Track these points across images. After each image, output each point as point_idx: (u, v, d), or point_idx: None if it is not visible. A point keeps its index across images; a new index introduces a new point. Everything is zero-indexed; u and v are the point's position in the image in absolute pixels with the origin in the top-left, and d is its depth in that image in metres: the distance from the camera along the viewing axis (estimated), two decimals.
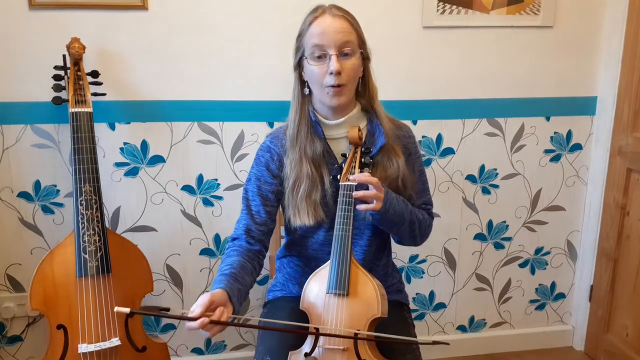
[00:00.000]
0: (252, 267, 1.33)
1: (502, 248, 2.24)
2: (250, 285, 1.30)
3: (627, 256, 2.08)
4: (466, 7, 1.94)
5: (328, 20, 1.28)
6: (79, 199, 1.60)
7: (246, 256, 1.32)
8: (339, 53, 1.27)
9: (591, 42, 2.07)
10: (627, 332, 2.09)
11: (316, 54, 1.28)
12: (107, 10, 1.76)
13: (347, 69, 1.28)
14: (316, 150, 1.35)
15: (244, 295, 1.25)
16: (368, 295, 1.24)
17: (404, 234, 1.39)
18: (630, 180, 2.05)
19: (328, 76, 1.27)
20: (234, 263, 1.28)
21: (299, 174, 1.34)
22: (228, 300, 1.16)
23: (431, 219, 1.48)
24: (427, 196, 1.49)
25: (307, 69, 1.31)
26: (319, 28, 1.27)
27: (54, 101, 1.69)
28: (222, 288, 1.16)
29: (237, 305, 1.18)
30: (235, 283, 1.21)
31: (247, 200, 1.40)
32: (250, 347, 2.15)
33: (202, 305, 1.07)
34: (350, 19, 1.30)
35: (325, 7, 1.31)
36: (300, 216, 1.34)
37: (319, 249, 1.43)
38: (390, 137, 1.36)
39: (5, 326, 1.94)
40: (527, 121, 2.11)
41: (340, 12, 1.30)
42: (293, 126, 1.36)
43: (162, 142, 1.90)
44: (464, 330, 2.32)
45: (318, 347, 1.23)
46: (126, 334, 1.66)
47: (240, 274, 1.25)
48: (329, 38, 1.26)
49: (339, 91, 1.29)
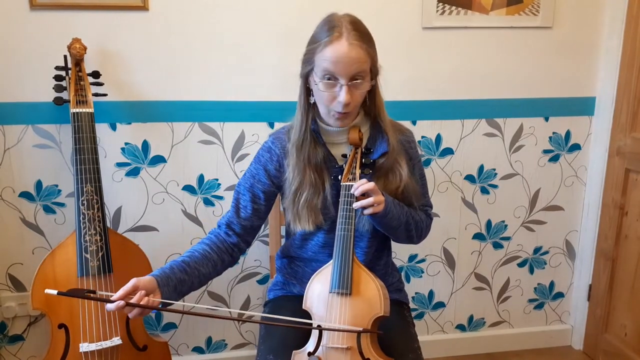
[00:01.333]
0: (219, 258, 1.35)
1: (501, 248, 2.25)
2: (207, 275, 1.32)
3: (625, 256, 2.09)
4: (465, 8, 1.95)
5: (344, 48, 1.21)
6: (81, 199, 1.61)
7: (216, 247, 1.36)
8: (350, 83, 1.23)
9: (590, 43, 2.08)
10: (625, 332, 2.10)
11: (327, 78, 1.24)
12: (108, 10, 1.77)
13: (356, 97, 1.26)
14: (318, 157, 1.35)
15: (190, 285, 1.27)
16: (371, 294, 1.25)
17: (400, 235, 1.39)
18: (628, 180, 2.06)
19: (336, 103, 1.25)
20: (195, 251, 1.33)
21: (302, 182, 1.34)
22: (156, 287, 1.18)
23: (429, 219, 1.48)
24: (426, 198, 1.50)
25: (315, 87, 1.28)
26: (334, 54, 1.21)
27: (56, 102, 1.69)
28: (153, 275, 1.20)
29: (170, 293, 1.21)
30: (179, 273, 1.25)
31: (238, 194, 1.42)
32: (251, 346, 2.16)
33: (123, 289, 1.13)
34: (367, 46, 1.23)
35: (342, 27, 1.22)
36: (300, 222, 1.36)
37: (319, 251, 1.44)
38: (395, 150, 1.35)
39: (6, 325, 1.95)
40: (526, 121, 2.12)
41: (357, 38, 1.22)
42: (299, 135, 1.34)
43: (163, 142, 1.91)
44: (463, 329, 2.32)
45: (321, 347, 1.24)
46: (127, 333, 1.67)
47: (194, 264, 1.29)
48: (342, 68, 1.21)
49: (345, 116, 1.29)
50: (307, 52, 1.29)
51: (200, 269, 1.30)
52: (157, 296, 1.17)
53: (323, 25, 1.26)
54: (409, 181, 1.37)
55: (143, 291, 1.14)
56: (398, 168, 1.35)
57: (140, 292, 1.13)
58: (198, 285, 1.31)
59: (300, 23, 1.33)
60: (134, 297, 1.12)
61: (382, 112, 1.37)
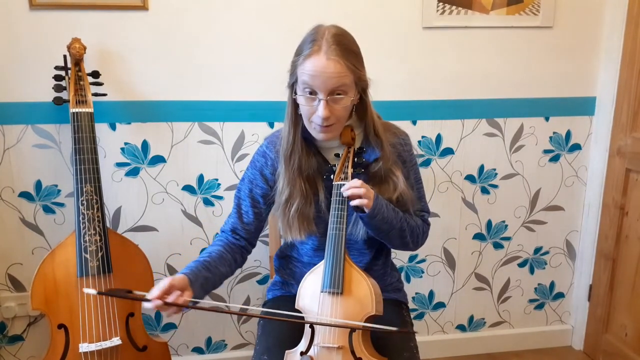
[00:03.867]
0: (233, 258, 1.39)
1: (501, 248, 2.25)
2: (225, 274, 1.36)
3: (626, 256, 2.09)
4: (466, 8, 1.95)
5: (322, 62, 1.18)
6: (80, 199, 1.61)
7: (228, 247, 1.39)
8: (329, 98, 1.21)
9: (590, 43, 2.08)
10: (625, 332, 2.10)
11: (307, 92, 1.22)
12: (107, 10, 1.77)
13: (337, 111, 1.24)
14: (311, 167, 1.34)
15: (213, 283, 1.31)
16: (362, 293, 1.25)
17: (394, 241, 1.37)
18: (629, 180, 2.05)
19: (316, 116, 1.24)
20: (212, 252, 1.35)
21: (292, 192, 1.34)
22: (188, 285, 1.20)
23: (426, 225, 1.46)
24: (423, 203, 1.47)
25: (298, 99, 1.26)
26: (312, 69, 1.19)
27: (55, 101, 1.69)
28: (184, 273, 1.22)
29: (198, 291, 1.23)
30: (203, 271, 1.27)
31: (239, 199, 1.45)
32: (251, 347, 2.16)
33: (160, 288, 1.13)
34: (347, 61, 1.20)
35: (322, 41, 1.20)
36: (292, 232, 1.36)
37: (314, 255, 1.44)
38: (388, 156, 1.34)
39: (6, 326, 1.95)
40: (527, 121, 2.12)
41: (336, 54, 1.18)
42: (287, 146, 1.33)
43: (163, 142, 1.91)
44: (463, 329, 2.32)
45: (314, 346, 1.24)
46: (127, 334, 1.67)
47: (214, 263, 1.32)
48: (321, 82, 1.19)
49: (326, 130, 1.27)
50: (291, 63, 1.27)
51: (220, 268, 1.33)
52: (189, 294, 1.18)
53: (307, 37, 1.24)
54: (404, 190, 1.35)
55: (179, 291, 1.15)
56: (392, 177, 1.34)
57: (175, 292, 1.14)
58: (219, 283, 1.34)
59: (300, 23, 1.32)
60: (170, 297, 1.13)
61: (374, 126, 1.34)
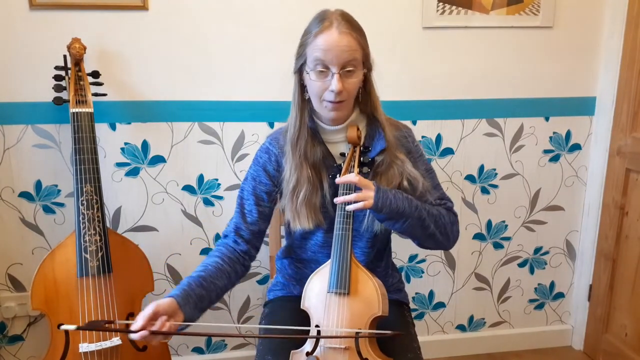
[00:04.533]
0: (232, 269, 1.34)
1: (501, 248, 2.25)
2: (224, 288, 1.31)
3: (626, 256, 2.09)
4: (466, 8, 1.95)
5: (334, 36, 1.22)
6: (80, 199, 1.61)
7: (227, 258, 1.34)
8: (342, 71, 1.23)
9: (590, 43, 2.08)
10: (625, 332, 2.10)
11: (318, 68, 1.24)
12: (107, 10, 1.77)
13: (349, 87, 1.26)
14: (316, 155, 1.34)
15: (209, 300, 1.26)
16: (369, 294, 1.24)
17: (417, 234, 1.32)
18: (629, 180, 2.05)
19: (328, 92, 1.25)
20: (208, 265, 1.30)
21: (299, 179, 1.33)
22: (177, 309, 1.15)
23: (452, 215, 1.39)
24: (440, 191, 1.42)
25: (308, 80, 1.28)
26: (325, 43, 1.22)
27: (55, 101, 1.69)
28: (173, 296, 1.17)
29: (191, 312, 1.18)
30: (197, 289, 1.22)
31: (242, 199, 1.42)
32: (251, 347, 2.16)
33: (144, 317, 1.08)
34: (358, 35, 1.24)
35: (332, 18, 1.24)
36: (300, 220, 1.35)
37: (318, 251, 1.43)
38: (392, 145, 1.34)
39: (6, 326, 1.95)
40: (527, 121, 2.12)
41: (347, 28, 1.23)
42: (294, 131, 1.34)
43: (163, 142, 1.91)
44: (463, 329, 2.32)
45: (320, 346, 1.24)
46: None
47: (210, 278, 1.27)
48: (334, 56, 1.22)
49: (337, 107, 1.28)
50: (299, 45, 1.30)
51: (217, 282, 1.28)
52: (179, 317, 1.14)
53: (314, 19, 1.28)
54: (412, 173, 1.33)
55: (164, 317, 1.10)
56: (397, 162, 1.34)
57: (161, 319, 1.09)
58: (216, 299, 1.29)
59: (300, 23, 1.32)
60: (155, 324, 1.08)
61: (378, 108, 1.36)
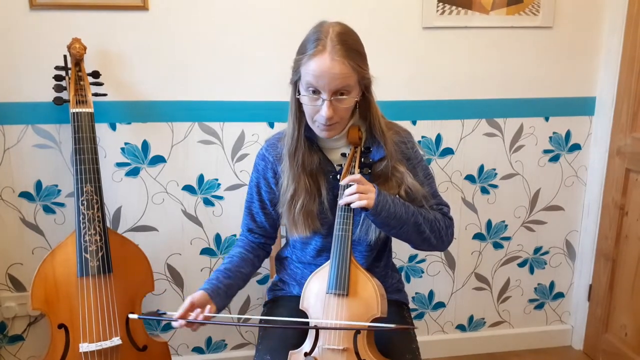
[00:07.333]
0: (255, 255, 1.47)
1: (501, 248, 2.25)
2: (249, 274, 1.44)
3: (625, 256, 2.09)
4: (466, 8, 1.95)
5: (327, 63, 1.18)
6: (80, 199, 1.61)
7: (249, 247, 1.48)
8: (333, 98, 1.21)
9: (590, 43, 2.08)
10: (625, 332, 2.10)
11: (311, 89, 1.22)
12: (107, 10, 1.77)
13: (340, 112, 1.24)
14: (314, 163, 1.34)
15: (237, 286, 1.39)
16: (368, 295, 1.24)
17: (412, 238, 1.33)
18: (629, 180, 2.05)
19: (319, 115, 1.23)
20: (234, 256, 1.44)
21: (297, 189, 1.34)
22: (209, 300, 1.27)
23: (448, 219, 1.41)
24: (438, 198, 1.44)
25: (301, 98, 1.26)
26: (317, 69, 1.18)
27: (55, 101, 1.69)
28: (203, 289, 1.29)
29: (222, 300, 1.31)
30: (225, 280, 1.35)
31: (249, 203, 1.49)
32: (251, 347, 2.16)
33: (183, 308, 1.23)
34: (352, 60, 1.19)
35: (327, 40, 1.19)
36: (297, 229, 1.37)
37: (317, 255, 1.44)
38: (392, 157, 1.33)
39: (6, 325, 1.95)
40: (526, 121, 2.12)
41: (341, 54, 1.18)
42: (291, 142, 1.33)
43: (163, 142, 1.91)
44: (463, 329, 2.32)
45: (318, 347, 1.24)
46: (127, 333, 1.67)
47: (235, 268, 1.40)
48: (325, 83, 1.19)
49: (329, 128, 1.27)
50: (295, 61, 1.27)
51: (242, 270, 1.41)
52: (212, 308, 1.24)
53: (311, 35, 1.23)
54: (411, 183, 1.34)
55: (199, 309, 1.22)
56: (396, 174, 1.33)
57: (196, 311, 1.22)
58: (243, 284, 1.42)
59: (300, 23, 1.32)
60: (191, 315, 1.21)
61: (377, 123, 1.33)
